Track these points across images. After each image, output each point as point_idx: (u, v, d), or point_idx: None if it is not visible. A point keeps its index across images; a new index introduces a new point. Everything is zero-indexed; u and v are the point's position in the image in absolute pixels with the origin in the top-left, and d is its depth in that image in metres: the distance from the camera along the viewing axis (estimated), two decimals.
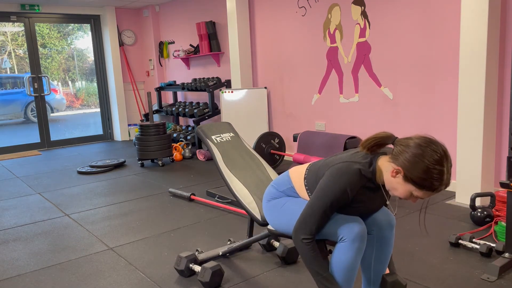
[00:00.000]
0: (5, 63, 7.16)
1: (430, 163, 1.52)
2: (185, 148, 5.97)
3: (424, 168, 1.52)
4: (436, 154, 1.53)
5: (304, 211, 1.71)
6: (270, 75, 5.65)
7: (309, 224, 1.68)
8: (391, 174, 1.60)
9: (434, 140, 1.57)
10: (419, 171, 1.53)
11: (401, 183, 1.59)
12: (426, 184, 1.54)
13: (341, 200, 1.66)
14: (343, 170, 1.66)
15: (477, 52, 3.31)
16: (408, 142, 1.58)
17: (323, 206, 1.67)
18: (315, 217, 1.68)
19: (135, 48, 7.99)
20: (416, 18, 3.94)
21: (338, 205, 1.68)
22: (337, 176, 1.66)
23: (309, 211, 1.69)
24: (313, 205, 1.69)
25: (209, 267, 2.31)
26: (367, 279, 1.95)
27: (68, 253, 2.92)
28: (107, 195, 4.29)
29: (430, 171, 1.52)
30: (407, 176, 1.56)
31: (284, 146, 5.08)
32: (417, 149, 1.54)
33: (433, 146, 1.54)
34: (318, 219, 1.68)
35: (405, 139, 1.60)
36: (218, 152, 2.46)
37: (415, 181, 1.55)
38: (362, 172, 1.66)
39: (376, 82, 4.38)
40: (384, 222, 1.85)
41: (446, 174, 1.55)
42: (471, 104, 3.39)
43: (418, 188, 1.56)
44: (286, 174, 1.96)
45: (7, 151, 6.99)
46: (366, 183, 1.69)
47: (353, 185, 1.65)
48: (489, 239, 2.82)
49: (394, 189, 1.63)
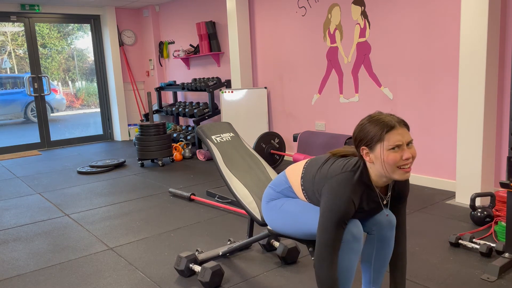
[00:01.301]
0: (5, 63, 7.16)
1: (366, 121, 1.67)
2: (185, 148, 5.97)
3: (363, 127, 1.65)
4: (370, 115, 1.69)
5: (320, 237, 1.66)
6: (270, 75, 5.65)
7: (329, 248, 1.65)
8: (368, 161, 1.66)
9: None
10: (366, 134, 1.63)
11: (377, 156, 1.62)
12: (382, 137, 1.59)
13: (349, 211, 1.65)
14: (343, 182, 1.66)
15: (477, 52, 3.31)
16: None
17: (337, 225, 1.64)
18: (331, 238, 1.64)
19: (135, 48, 7.99)
20: (416, 18, 3.94)
21: (348, 217, 1.66)
22: (339, 189, 1.65)
23: (325, 235, 1.65)
24: (326, 227, 1.65)
25: (209, 267, 2.31)
26: (367, 279, 1.95)
27: (68, 253, 2.92)
28: (107, 195, 4.29)
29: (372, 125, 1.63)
30: (367, 148, 1.64)
31: (284, 146, 5.08)
32: (356, 128, 1.70)
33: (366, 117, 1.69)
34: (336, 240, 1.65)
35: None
36: (218, 152, 2.46)
37: (374, 143, 1.61)
38: (360, 180, 1.67)
39: (376, 82, 4.38)
40: (384, 222, 1.85)
41: (385, 117, 1.63)
42: (471, 104, 3.39)
43: (386, 144, 1.59)
44: (283, 174, 1.96)
45: (7, 151, 6.99)
46: (365, 189, 1.70)
47: (356, 193, 1.65)
48: (489, 239, 2.82)
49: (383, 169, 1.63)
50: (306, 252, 2.73)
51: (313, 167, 1.82)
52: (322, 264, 1.66)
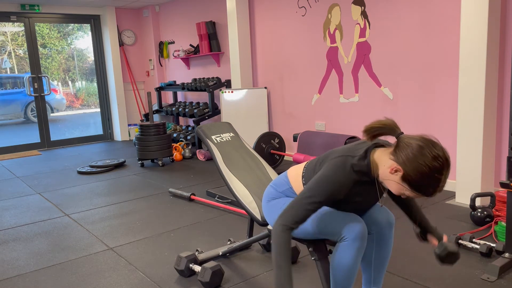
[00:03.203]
0: (5, 63, 7.16)
1: (430, 171, 1.49)
2: (185, 148, 5.97)
3: (423, 174, 1.50)
4: (437, 161, 1.50)
5: (294, 200, 1.67)
6: (270, 75, 5.65)
7: (294, 212, 1.63)
8: (390, 171, 1.58)
9: (437, 143, 1.54)
10: (418, 175, 1.51)
11: (397, 180, 1.57)
12: (421, 189, 1.53)
13: (332, 196, 1.63)
14: (338, 165, 1.64)
15: (477, 52, 3.31)
16: (411, 142, 1.54)
17: (312, 199, 1.63)
18: (301, 207, 1.63)
19: (135, 48, 7.99)
20: (416, 18, 3.94)
21: (328, 201, 1.64)
22: (331, 170, 1.63)
23: (298, 201, 1.65)
24: (303, 196, 1.65)
25: (209, 267, 2.31)
26: (367, 279, 1.95)
27: (68, 253, 2.92)
28: (107, 195, 4.29)
29: (428, 178, 1.50)
30: (405, 176, 1.54)
31: (284, 146, 5.08)
32: (419, 152, 1.51)
33: (435, 151, 1.51)
34: (303, 210, 1.63)
35: (409, 137, 1.57)
36: (218, 152, 2.46)
37: (411, 184, 1.54)
38: (356, 168, 1.63)
39: (376, 82, 4.38)
40: (383, 221, 1.85)
41: (443, 182, 1.53)
42: (471, 104, 3.39)
43: (412, 189, 1.55)
44: (284, 175, 1.96)
45: (7, 151, 6.99)
46: (362, 177, 1.66)
47: (347, 181, 1.63)
48: (489, 239, 2.82)
49: (388, 183, 1.62)
50: (306, 252, 2.73)
51: (313, 161, 1.82)
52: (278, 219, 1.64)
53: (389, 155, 1.60)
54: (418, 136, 1.57)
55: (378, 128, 1.61)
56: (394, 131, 1.60)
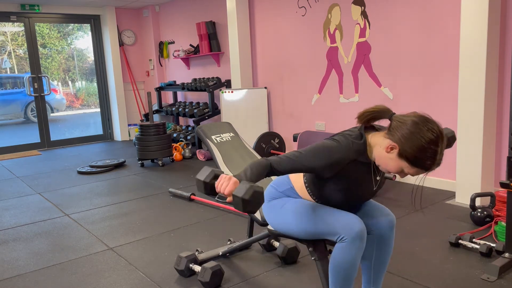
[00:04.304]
0: (5, 63, 7.16)
1: (426, 142, 1.52)
2: (185, 148, 5.97)
3: (420, 146, 1.53)
4: (432, 133, 1.53)
5: (290, 152, 1.65)
6: (270, 75, 5.65)
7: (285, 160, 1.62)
8: (385, 150, 1.60)
9: (430, 119, 1.57)
10: (414, 149, 1.53)
11: (394, 158, 1.59)
12: (419, 163, 1.55)
13: (328, 164, 1.62)
14: (337, 138, 1.67)
15: (477, 52, 3.31)
16: (404, 118, 1.58)
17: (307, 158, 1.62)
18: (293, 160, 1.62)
19: (135, 48, 7.99)
20: (416, 18, 3.94)
21: (322, 164, 1.62)
22: (330, 140, 1.67)
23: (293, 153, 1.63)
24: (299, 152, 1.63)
25: (209, 267, 2.31)
26: (367, 279, 1.95)
27: (68, 253, 2.92)
28: (107, 195, 4.29)
29: (425, 150, 1.53)
30: (401, 152, 1.56)
31: (284, 146, 5.08)
32: (414, 127, 1.54)
33: (429, 125, 1.54)
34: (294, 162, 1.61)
35: (402, 115, 1.60)
36: (218, 152, 2.46)
37: (409, 159, 1.55)
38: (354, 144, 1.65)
39: (376, 82, 4.38)
40: (384, 222, 1.85)
41: (439, 154, 1.55)
42: (471, 104, 3.39)
43: (410, 165, 1.57)
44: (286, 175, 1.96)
45: (7, 151, 6.98)
46: (358, 157, 1.67)
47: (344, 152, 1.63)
48: (489, 239, 2.82)
49: (386, 164, 1.62)
50: (306, 252, 2.73)
51: None
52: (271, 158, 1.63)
53: (384, 135, 1.63)
54: (410, 113, 1.61)
55: (370, 112, 1.65)
56: (386, 113, 1.64)
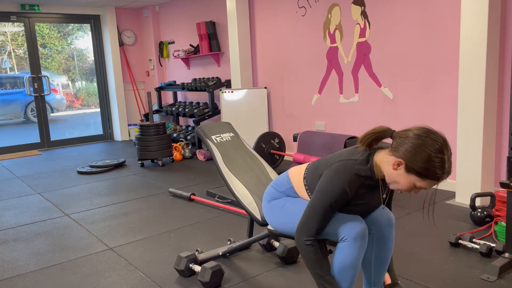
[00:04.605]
0: (5, 63, 7.15)
1: (432, 152, 1.52)
2: (185, 148, 5.97)
3: (426, 157, 1.52)
4: (436, 143, 1.53)
5: (306, 213, 1.71)
6: (270, 75, 5.65)
7: (311, 225, 1.69)
8: (392, 167, 1.60)
9: (432, 129, 1.58)
10: (421, 161, 1.53)
11: (403, 175, 1.58)
12: (428, 174, 1.54)
13: (341, 199, 1.66)
14: (340, 170, 1.66)
15: (477, 52, 3.31)
16: (407, 133, 1.58)
17: (324, 207, 1.67)
18: (316, 218, 1.68)
19: (135, 48, 7.99)
20: (416, 18, 3.94)
21: (338, 205, 1.68)
22: (335, 176, 1.66)
23: (311, 212, 1.69)
24: (314, 206, 1.69)
25: (209, 267, 2.31)
26: (367, 279, 1.95)
27: (68, 253, 2.92)
28: (107, 195, 4.29)
29: (432, 160, 1.52)
30: (409, 167, 1.55)
31: (284, 146, 5.08)
32: (417, 140, 1.54)
33: (432, 135, 1.55)
34: (319, 220, 1.68)
35: (403, 131, 1.61)
36: (218, 152, 2.46)
37: (418, 172, 1.55)
38: (359, 172, 1.66)
39: (376, 82, 4.38)
40: (383, 221, 1.85)
41: (447, 162, 1.55)
42: (471, 104, 3.39)
43: (421, 178, 1.56)
44: (286, 174, 1.96)
45: (7, 151, 6.98)
46: (365, 181, 1.68)
47: (352, 184, 1.65)
48: (489, 239, 2.82)
49: (396, 182, 1.62)
50: None
51: (316, 162, 1.83)
52: (300, 237, 1.71)
53: (388, 153, 1.63)
54: (411, 127, 1.62)
55: (371, 134, 1.66)
56: (387, 132, 1.65)
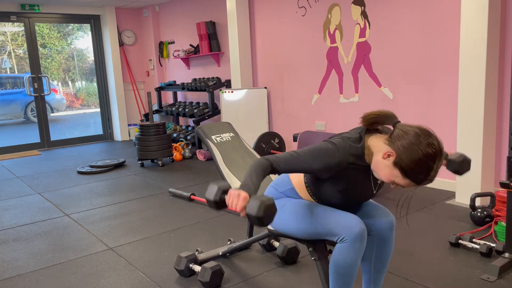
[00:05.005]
0: (5, 63, 7.16)
1: (423, 156, 1.52)
2: (185, 148, 5.97)
3: (416, 159, 1.52)
4: (432, 149, 1.52)
5: (288, 152, 1.66)
6: (270, 75, 5.65)
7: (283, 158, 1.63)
8: (383, 155, 1.60)
9: (433, 134, 1.57)
10: (411, 161, 1.53)
11: (389, 166, 1.58)
12: (412, 175, 1.55)
13: (325, 166, 1.62)
14: (334, 140, 1.66)
15: (477, 52, 3.31)
16: (407, 129, 1.57)
17: (305, 159, 1.62)
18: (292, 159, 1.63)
19: (135, 48, 7.99)
20: (416, 18, 3.94)
21: (318, 166, 1.63)
22: (329, 143, 1.66)
23: (291, 153, 1.64)
24: (297, 152, 1.64)
25: (209, 267, 2.31)
26: (367, 279, 1.95)
27: (68, 253, 2.92)
28: (107, 195, 4.29)
29: (420, 163, 1.52)
30: (397, 161, 1.56)
31: (284, 146, 5.07)
32: (415, 139, 1.53)
33: (430, 139, 1.54)
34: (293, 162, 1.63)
35: (406, 125, 1.60)
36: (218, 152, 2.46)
37: (403, 169, 1.55)
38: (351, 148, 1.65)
39: (376, 82, 4.38)
40: (384, 222, 1.85)
41: (434, 171, 1.55)
42: (471, 104, 3.39)
43: (403, 175, 1.56)
44: (286, 175, 1.96)
45: (7, 151, 6.98)
46: (356, 160, 1.66)
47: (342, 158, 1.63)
48: (489, 239, 2.82)
49: (380, 170, 1.62)
50: (306, 252, 2.73)
51: None
52: (270, 156, 1.63)
53: (384, 140, 1.63)
54: (415, 125, 1.60)
55: (375, 115, 1.64)
56: (391, 119, 1.63)
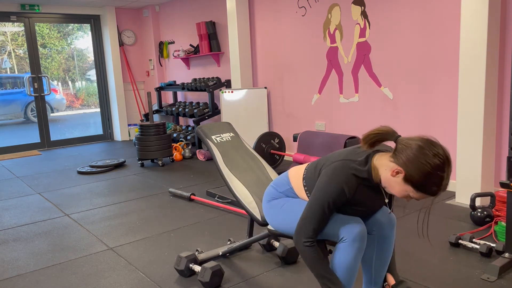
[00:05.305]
0: (5, 63, 7.15)
1: (432, 168, 1.50)
2: (185, 148, 5.97)
3: (425, 172, 1.51)
4: (439, 159, 1.51)
5: (304, 214, 1.71)
6: (270, 75, 5.65)
7: (309, 226, 1.68)
8: (391, 173, 1.59)
9: (436, 142, 1.55)
10: (420, 175, 1.52)
11: (400, 183, 1.58)
12: (424, 188, 1.54)
13: (338, 199, 1.65)
14: (338, 169, 1.66)
15: (477, 52, 3.31)
16: (409, 142, 1.55)
17: (322, 207, 1.66)
18: (314, 218, 1.68)
19: (135, 48, 7.98)
20: (416, 18, 3.94)
21: (336, 205, 1.67)
22: (333, 175, 1.65)
23: (309, 213, 1.69)
24: (312, 207, 1.69)
25: (209, 267, 2.31)
26: (368, 279, 1.95)
27: (68, 253, 2.92)
28: (107, 195, 4.29)
29: (430, 176, 1.51)
30: (407, 177, 1.55)
31: (284, 146, 5.08)
32: (419, 152, 1.52)
33: (435, 149, 1.52)
34: (317, 220, 1.68)
35: (407, 138, 1.58)
36: (218, 152, 2.46)
37: (414, 184, 1.54)
38: (357, 172, 1.65)
39: (376, 82, 4.38)
40: (384, 221, 1.85)
41: (446, 179, 1.54)
42: (471, 104, 3.39)
43: (415, 190, 1.56)
44: (285, 175, 1.96)
45: (7, 151, 6.98)
46: (363, 182, 1.68)
47: (350, 184, 1.65)
48: (489, 239, 2.82)
49: (391, 187, 1.62)
50: None
51: (316, 162, 1.82)
52: (299, 238, 1.71)
53: (389, 158, 1.61)
54: (416, 136, 1.58)
55: (375, 134, 1.62)
56: (391, 135, 1.62)
